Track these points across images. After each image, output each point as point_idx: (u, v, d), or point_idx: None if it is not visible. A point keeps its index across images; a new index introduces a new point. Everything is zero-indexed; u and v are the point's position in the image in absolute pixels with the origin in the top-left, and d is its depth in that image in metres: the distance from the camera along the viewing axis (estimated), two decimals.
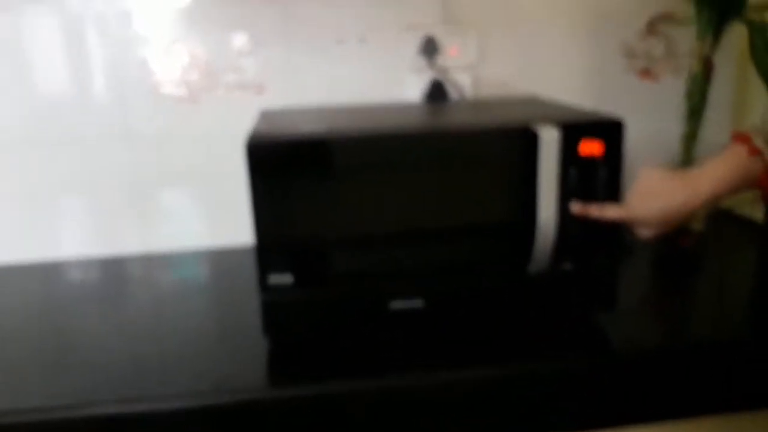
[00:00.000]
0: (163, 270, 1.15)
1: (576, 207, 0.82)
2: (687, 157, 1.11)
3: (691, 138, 1.10)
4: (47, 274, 1.14)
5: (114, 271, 1.15)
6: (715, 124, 1.21)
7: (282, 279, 0.81)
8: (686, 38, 1.15)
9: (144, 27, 1.12)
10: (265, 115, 0.99)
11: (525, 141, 0.80)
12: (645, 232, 0.83)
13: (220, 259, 1.18)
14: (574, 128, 0.81)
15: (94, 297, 1.05)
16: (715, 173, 0.79)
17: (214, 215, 1.21)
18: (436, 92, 1.17)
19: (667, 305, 1.01)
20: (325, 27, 1.15)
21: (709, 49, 1.07)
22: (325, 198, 0.81)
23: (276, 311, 0.82)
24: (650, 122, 1.23)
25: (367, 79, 1.18)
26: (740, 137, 0.79)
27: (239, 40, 1.14)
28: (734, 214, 1.29)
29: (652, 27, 1.14)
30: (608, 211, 0.82)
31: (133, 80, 1.13)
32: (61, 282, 1.12)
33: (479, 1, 1.18)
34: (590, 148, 0.82)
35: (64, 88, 1.12)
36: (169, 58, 1.13)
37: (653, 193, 0.82)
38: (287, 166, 0.79)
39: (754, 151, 0.77)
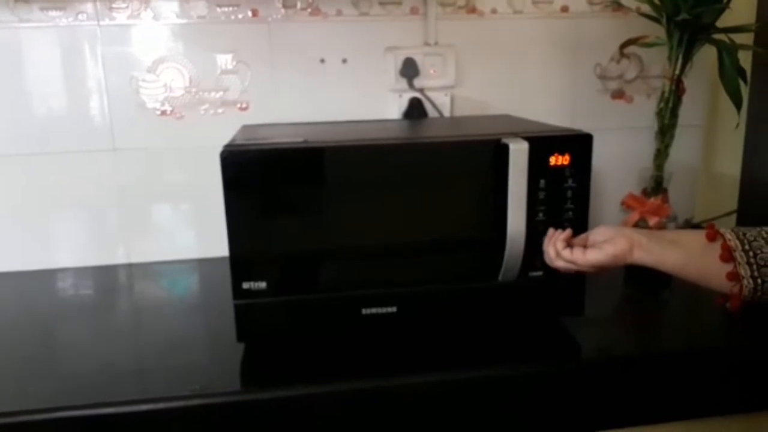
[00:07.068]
0: (147, 279, 1.16)
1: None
2: (658, 173, 1.13)
3: (662, 155, 1.12)
4: (32, 281, 1.15)
5: (99, 279, 1.16)
6: (686, 141, 1.25)
7: (256, 285, 0.82)
8: (658, 60, 1.19)
9: (132, 45, 1.15)
10: (245, 129, 1.01)
11: (496, 153, 0.83)
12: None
13: (206, 268, 1.20)
14: (543, 141, 0.84)
15: (76, 304, 1.06)
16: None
17: (200, 226, 1.23)
18: (415, 111, 1.20)
19: (635, 313, 1.03)
20: (308, 48, 1.19)
21: (680, 69, 1.10)
22: (300, 207, 0.83)
23: (250, 316, 0.83)
24: (624, 141, 1.26)
25: (348, 97, 1.21)
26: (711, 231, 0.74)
27: (224, 58, 1.17)
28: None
29: (624, 50, 1.17)
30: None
31: (121, 96, 1.16)
32: (46, 289, 1.13)
33: (459, 26, 1.22)
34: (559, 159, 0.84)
35: (54, 102, 1.15)
36: (156, 75, 1.16)
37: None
38: (261, 175, 0.80)
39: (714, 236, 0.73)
